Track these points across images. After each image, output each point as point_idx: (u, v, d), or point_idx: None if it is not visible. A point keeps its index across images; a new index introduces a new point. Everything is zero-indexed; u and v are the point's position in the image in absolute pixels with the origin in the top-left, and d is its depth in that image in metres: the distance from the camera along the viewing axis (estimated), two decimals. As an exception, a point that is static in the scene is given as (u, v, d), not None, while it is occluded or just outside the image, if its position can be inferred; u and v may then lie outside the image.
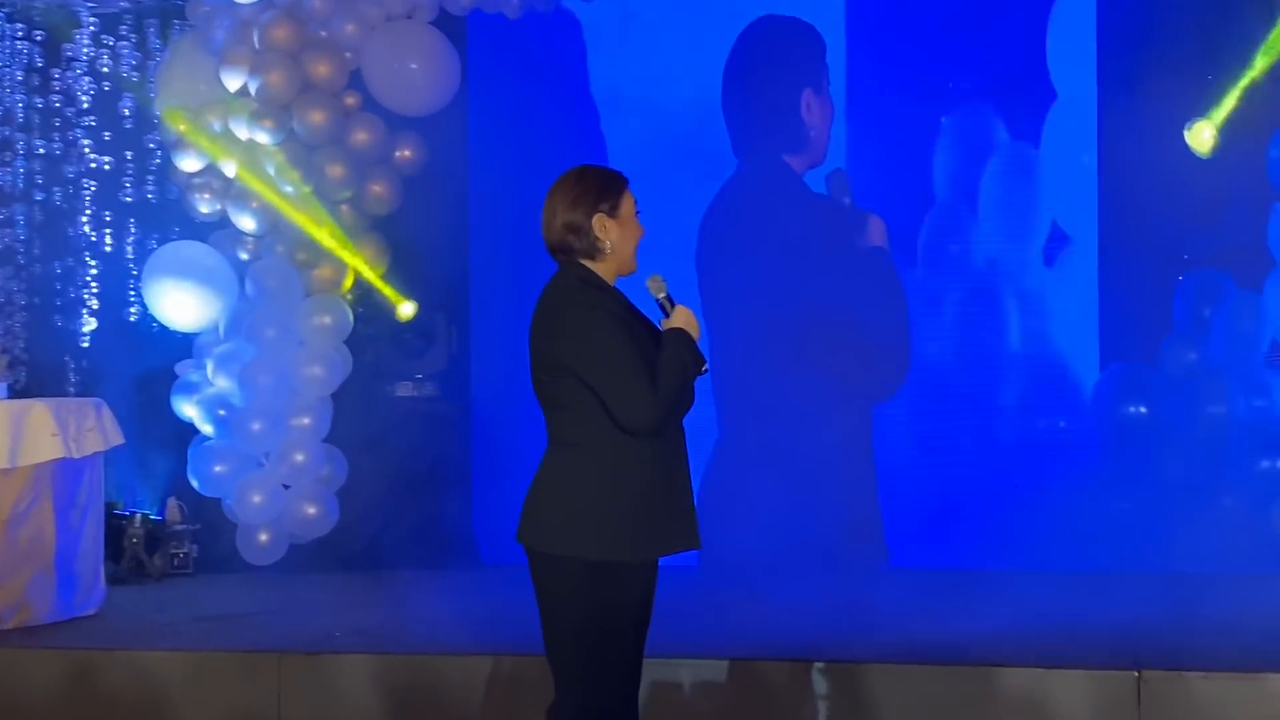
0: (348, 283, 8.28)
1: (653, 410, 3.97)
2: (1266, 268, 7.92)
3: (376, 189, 8.25)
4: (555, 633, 4.08)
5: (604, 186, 4.12)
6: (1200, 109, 7.82)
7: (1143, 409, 8.08)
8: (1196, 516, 7.67)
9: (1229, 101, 7.77)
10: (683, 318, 4.11)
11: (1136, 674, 5.18)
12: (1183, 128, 7.81)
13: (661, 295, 4.16)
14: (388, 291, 8.26)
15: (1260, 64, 7.79)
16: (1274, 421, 7.93)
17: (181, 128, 8.24)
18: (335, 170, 8.12)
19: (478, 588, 7.50)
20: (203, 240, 8.34)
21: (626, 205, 4.14)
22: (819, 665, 5.41)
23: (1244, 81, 7.77)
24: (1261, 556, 7.41)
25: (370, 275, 8.23)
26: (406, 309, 8.28)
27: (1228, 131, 7.77)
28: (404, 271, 8.30)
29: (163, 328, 8.39)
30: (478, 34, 8.61)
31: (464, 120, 8.53)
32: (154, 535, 8.09)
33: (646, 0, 8.11)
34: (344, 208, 8.23)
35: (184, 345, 8.35)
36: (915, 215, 8.75)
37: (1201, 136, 7.76)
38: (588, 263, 4.09)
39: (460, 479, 8.39)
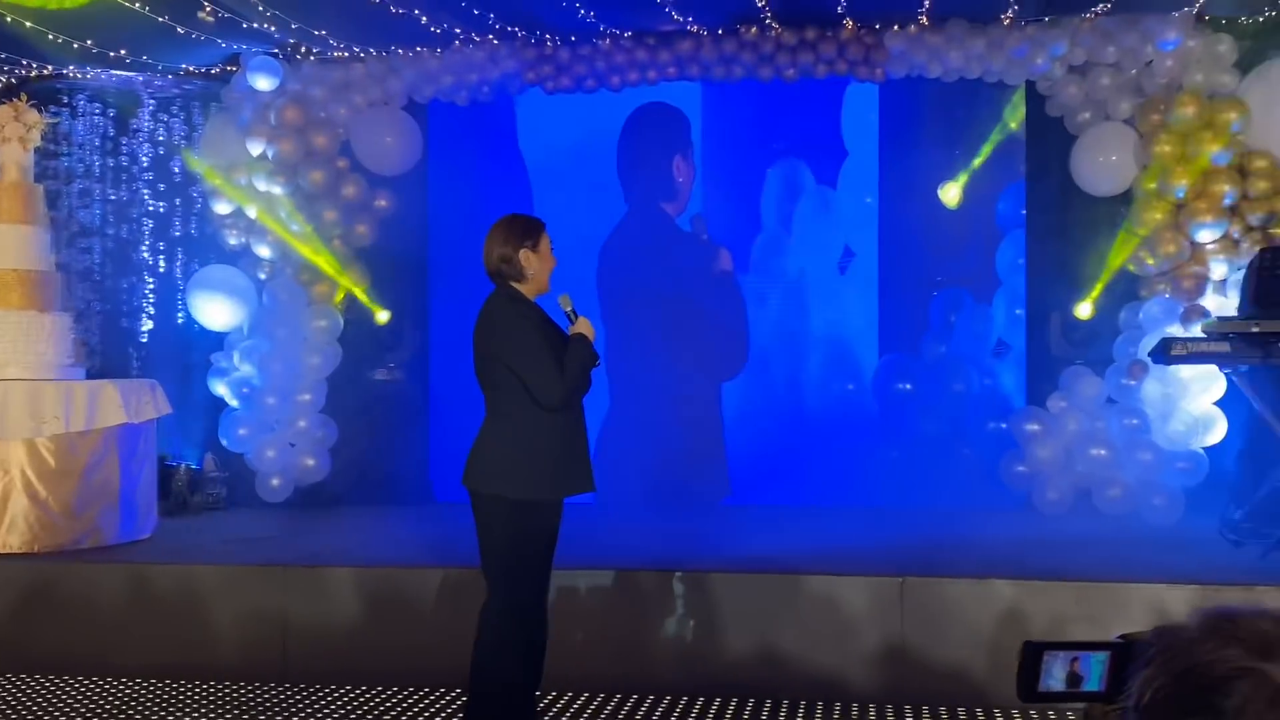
0: (339, 297, 8.20)
1: (560, 391, 3.97)
2: (995, 286, 8.14)
3: (360, 229, 8.15)
4: (488, 551, 4.06)
5: (528, 228, 4.12)
6: (950, 173, 8.03)
7: (909, 386, 8.22)
8: (946, 465, 7.82)
9: (970, 169, 8.00)
10: (583, 325, 4.12)
11: (900, 580, 5.27)
12: (938, 185, 8.04)
13: (569, 308, 4.17)
14: (368, 303, 8.19)
15: (990, 144, 8.01)
16: (999, 396, 8.13)
17: (216, 181, 8.10)
18: (330, 215, 8.03)
19: (432, 519, 7.43)
20: (232, 264, 8.21)
21: (544, 243, 4.13)
22: (677, 574, 5.43)
23: (980, 156, 8.00)
24: (991, 495, 7.56)
25: (356, 291, 8.15)
26: (382, 316, 8.21)
27: (969, 189, 7.99)
28: (381, 289, 8.23)
29: (202, 328, 8.23)
30: (436, 116, 8.53)
31: (424, 179, 8.45)
32: (194, 480, 7.93)
33: (562, 95, 8.05)
34: (336, 242, 8.14)
35: (217, 341, 8.20)
36: (748, 239, 8.82)
37: (950, 194, 7.98)
38: (515, 284, 4.09)
39: (420, 439, 8.31)
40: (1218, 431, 7.11)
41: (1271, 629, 1.24)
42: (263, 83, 7.93)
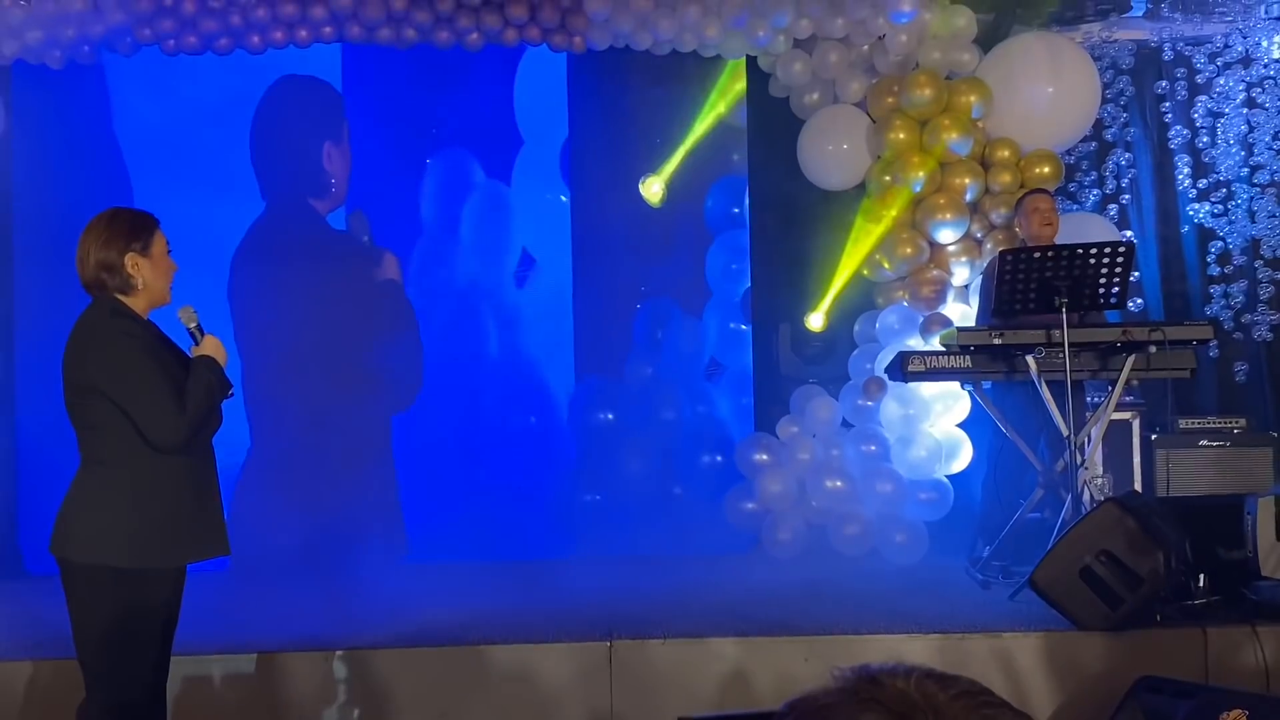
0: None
1: (179, 429, 3.88)
2: (706, 297, 8.45)
3: (-82, 224, 7.69)
4: (84, 636, 3.91)
5: (135, 227, 4.00)
6: (652, 165, 8.28)
7: (611, 416, 8.39)
8: (660, 506, 8.04)
9: (675, 160, 8.27)
10: (211, 345, 4.05)
11: (608, 644, 5.39)
12: (639, 179, 8.26)
13: (192, 325, 4.09)
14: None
15: (698, 129, 8.32)
16: (714, 424, 8.42)
17: None
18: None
19: (21, 596, 7.03)
20: None
21: (158, 244, 4.02)
22: (338, 654, 5.36)
23: (687, 144, 8.29)
24: (707, 540, 7.82)
25: (-88, 305, 7.67)
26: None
27: (674, 185, 8.26)
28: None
29: None
30: (22, 81, 8.12)
31: (7, 161, 8.03)
32: None
33: (171, 58, 7.81)
34: (-115, 241, 7.65)
35: None
36: (407, 245, 8.79)
37: (652, 189, 8.23)
38: (121, 297, 3.96)
39: (5, 494, 7.86)
40: (963, 457, 7.64)
41: (912, 689, 1.36)
42: None
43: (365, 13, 7.68)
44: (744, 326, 8.43)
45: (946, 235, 7.74)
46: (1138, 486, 7.07)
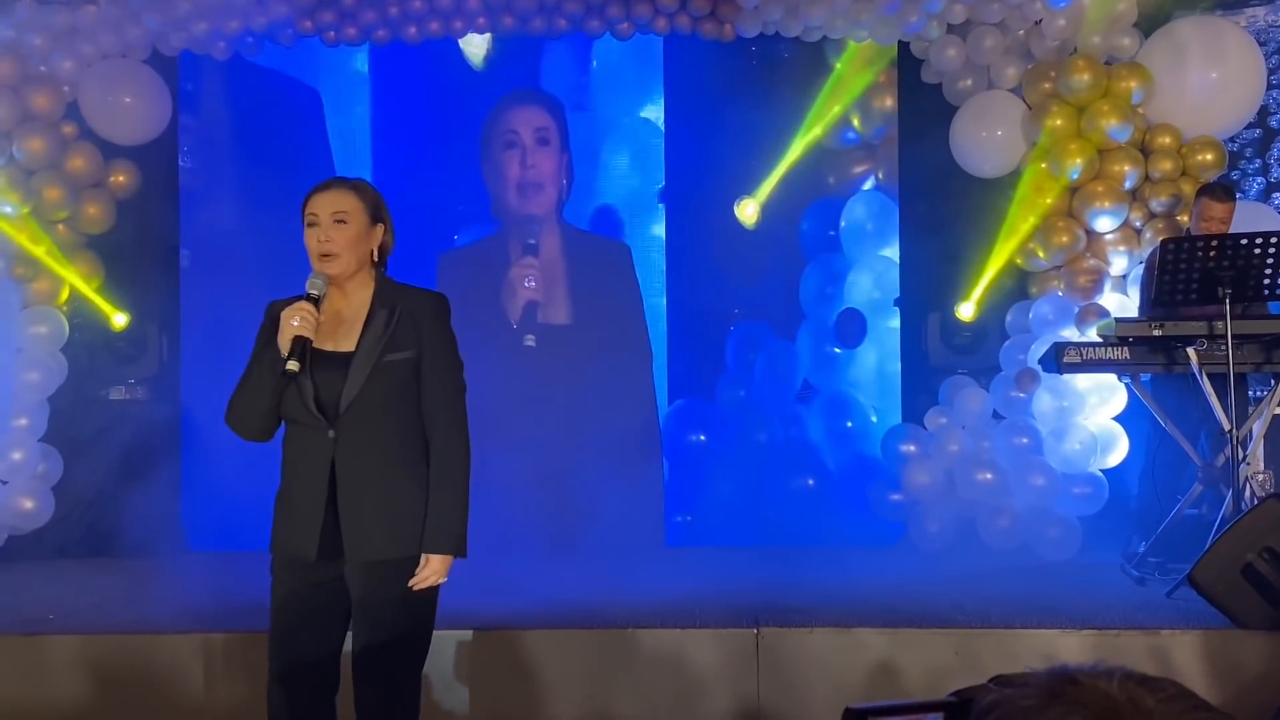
0: (63, 296, 7.98)
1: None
2: (799, 320, 8.42)
3: (92, 210, 7.96)
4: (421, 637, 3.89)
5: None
6: (748, 188, 8.26)
7: (702, 437, 8.35)
8: (812, 496, 8.00)
9: (770, 183, 8.23)
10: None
11: (755, 631, 5.38)
12: (734, 203, 8.27)
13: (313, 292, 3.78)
14: (101, 304, 7.98)
15: (794, 151, 8.28)
16: (804, 446, 8.31)
17: (-96, 151, 7.81)
18: (52, 193, 7.82)
19: (185, 572, 7.27)
20: (-76, 255, 7.92)
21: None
22: (484, 633, 5.42)
23: (782, 167, 8.24)
24: (862, 529, 7.75)
25: (85, 289, 7.94)
26: (119, 319, 8.01)
27: (768, 207, 8.24)
28: (117, 285, 8.03)
29: (-115, 335, 7.90)
30: (189, 71, 8.38)
31: (174, 148, 8.28)
32: (-125, 529, 7.61)
33: (345, 47, 8.01)
34: (60, 227, 7.94)
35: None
36: None
37: (747, 212, 8.22)
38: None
39: (170, 473, 8.12)
40: (1119, 451, 7.47)
41: (1117, 692, 1.32)
42: (-36, 27, 7.71)
43: (519, 3, 7.77)
44: (837, 350, 8.37)
45: (1104, 224, 7.57)
46: (1301, 483, 6.84)
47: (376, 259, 3.87)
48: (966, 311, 7.81)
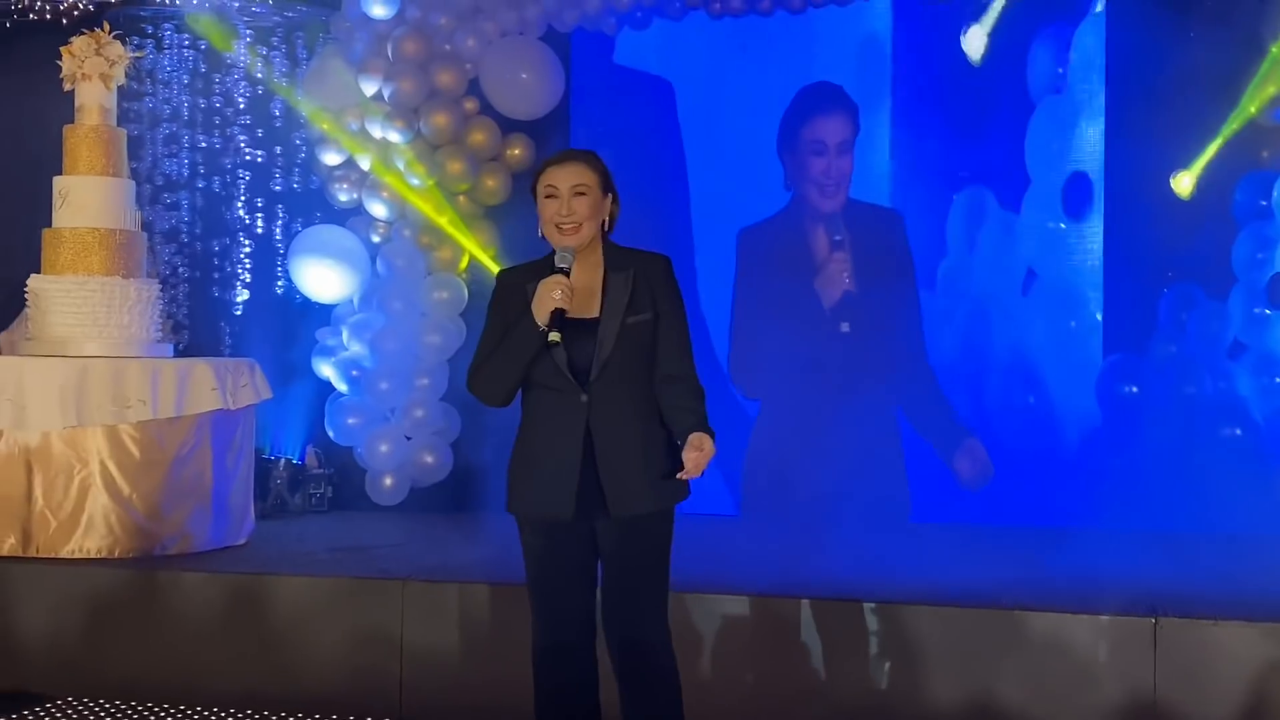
0: (463, 263, 8.32)
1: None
2: (1231, 282, 7.99)
3: (490, 183, 8.27)
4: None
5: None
6: (1183, 160, 7.98)
7: (1134, 389, 8.17)
8: (1208, 480, 7.58)
9: (1204, 158, 7.96)
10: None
11: (1153, 620, 5.11)
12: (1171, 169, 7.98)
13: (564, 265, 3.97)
14: (498, 271, 8.27)
15: (1229, 128, 7.90)
16: (1234, 399, 8.06)
17: (324, 127, 8.32)
18: (455, 166, 8.15)
19: (488, 526, 7.33)
20: (341, 224, 8.43)
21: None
22: (869, 606, 5.35)
23: (1216, 143, 7.92)
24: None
25: (483, 257, 8.26)
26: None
27: (1205, 177, 7.93)
28: (512, 254, 8.30)
29: (305, 299, 8.47)
30: (581, 47, 8.59)
31: (566, 123, 8.51)
32: (295, 477, 8.17)
33: (729, 20, 8.04)
34: (461, 198, 8.28)
35: (323, 315, 8.43)
36: (933, 261, 8.66)
37: (1182, 184, 8.05)
38: None
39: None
40: None
41: None
42: (378, 9, 8.11)
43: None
44: (1268, 311, 7.92)
45: None
46: None
47: (608, 228, 4.05)
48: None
